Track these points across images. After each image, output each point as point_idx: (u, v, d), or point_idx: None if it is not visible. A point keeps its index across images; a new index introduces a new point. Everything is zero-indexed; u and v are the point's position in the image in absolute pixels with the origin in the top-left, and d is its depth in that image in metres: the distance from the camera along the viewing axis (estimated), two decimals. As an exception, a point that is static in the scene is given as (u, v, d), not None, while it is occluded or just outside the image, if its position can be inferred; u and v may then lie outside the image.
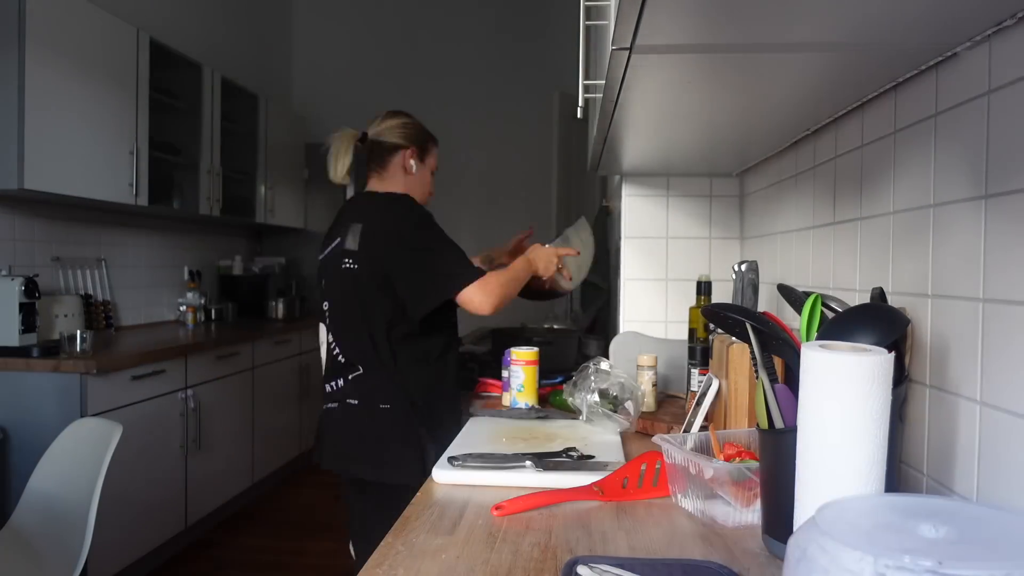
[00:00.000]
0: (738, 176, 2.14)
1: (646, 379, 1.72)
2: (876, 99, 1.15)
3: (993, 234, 0.82)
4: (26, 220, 3.08)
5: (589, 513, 1.08)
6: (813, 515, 0.62)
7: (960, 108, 0.90)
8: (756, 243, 1.96)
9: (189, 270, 4.28)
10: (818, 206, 1.44)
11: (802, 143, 1.54)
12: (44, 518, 2.00)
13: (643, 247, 2.21)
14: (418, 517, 1.06)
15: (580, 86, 1.19)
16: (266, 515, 3.81)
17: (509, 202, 5.51)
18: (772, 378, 0.95)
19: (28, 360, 2.59)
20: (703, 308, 1.15)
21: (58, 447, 2.09)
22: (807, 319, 0.95)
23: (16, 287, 2.62)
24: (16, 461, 2.55)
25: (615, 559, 0.87)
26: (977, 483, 0.85)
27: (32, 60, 2.66)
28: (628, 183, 2.21)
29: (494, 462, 1.25)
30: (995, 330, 0.82)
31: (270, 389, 4.08)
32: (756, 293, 1.49)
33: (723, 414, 1.35)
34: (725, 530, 1.01)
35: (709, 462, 1.05)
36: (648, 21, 0.78)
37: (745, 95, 1.16)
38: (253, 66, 5.08)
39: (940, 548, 0.55)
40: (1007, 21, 0.79)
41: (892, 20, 0.80)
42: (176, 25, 4.12)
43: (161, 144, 3.59)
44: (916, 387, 0.99)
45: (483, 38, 5.58)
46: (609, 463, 1.27)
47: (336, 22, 5.69)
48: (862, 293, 1.20)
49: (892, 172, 1.09)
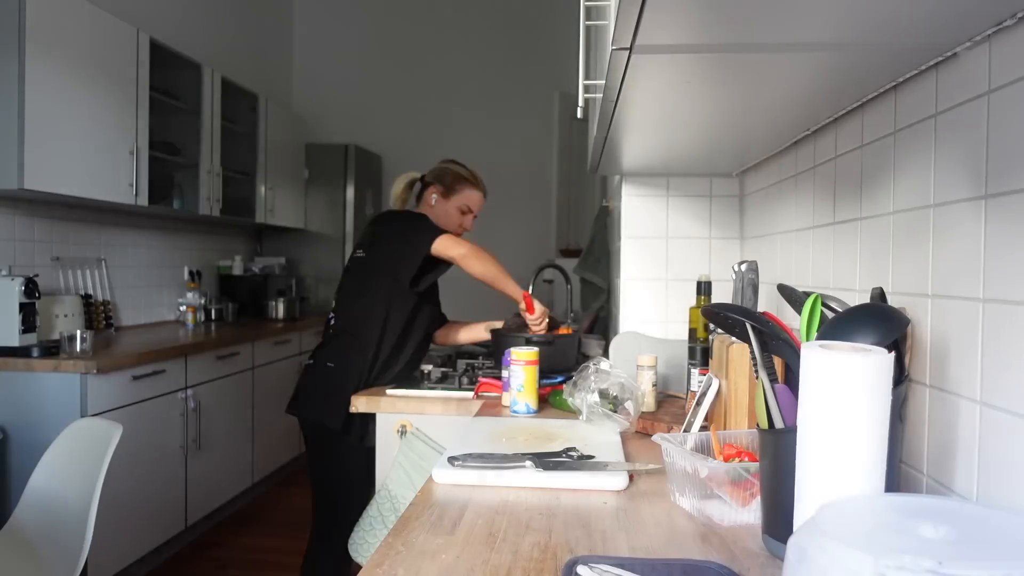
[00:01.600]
0: (738, 176, 2.14)
1: (646, 379, 1.72)
2: (876, 99, 1.15)
3: (993, 234, 0.82)
4: (26, 220, 3.08)
5: (589, 513, 1.08)
6: (813, 515, 0.62)
7: (960, 108, 0.90)
8: (756, 243, 1.96)
9: (189, 270, 4.28)
10: (818, 206, 1.44)
11: (802, 143, 1.54)
12: (44, 518, 2.00)
13: (643, 247, 2.21)
14: (418, 517, 1.06)
15: (580, 86, 1.19)
16: (266, 515, 3.81)
17: (509, 202, 5.50)
18: (772, 378, 0.95)
19: (28, 360, 2.59)
20: (703, 308, 1.15)
21: (58, 447, 2.09)
22: (807, 319, 0.95)
23: (16, 287, 2.62)
24: (16, 461, 2.54)
25: (615, 559, 0.87)
26: (977, 483, 0.85)
27: (32, 60, 2.66)
28: (628, 183, 2.21)
29: (494, 462, 1.25)
30: (995, 330, 0.82)
31: (270, 389, 4.08)
32: (756, 293, 1.49)
33: (723, 414, 1.35)
34: (725, 530, 1.01)
35: (705, 461, 1.05)
36: (648, 21, 0.78)
37: (745, 95, 1.16)
38: (253, 66, 5.07)
39: (940, 548, 0.55)
40: (1007, 21, 0.79)
41: (892, 20, 0.80)
42: (176, 25, 4.11)
43: (161, 144, 3.58)
44: (916, 387, 0.99)
45: (483, 38, 5.58)
46: (609, 463, 1.27)
47: (336, 22, 5.69)
48: (862, 293, 1.20)
49: (892, 172, 1.09)
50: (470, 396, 2.00)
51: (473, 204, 2.32)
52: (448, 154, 2.70)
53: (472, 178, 2.32)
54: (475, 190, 2.32)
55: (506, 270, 2.13)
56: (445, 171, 2.32)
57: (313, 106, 5.65)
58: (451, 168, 2.33)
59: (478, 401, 1.96)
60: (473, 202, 2.32)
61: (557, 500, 1.13)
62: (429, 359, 2.39)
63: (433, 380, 2.17)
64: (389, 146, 5.56)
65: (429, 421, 1.96)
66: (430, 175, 2.33)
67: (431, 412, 1.96)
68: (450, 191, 2.29)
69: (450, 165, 2.35)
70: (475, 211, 2.33)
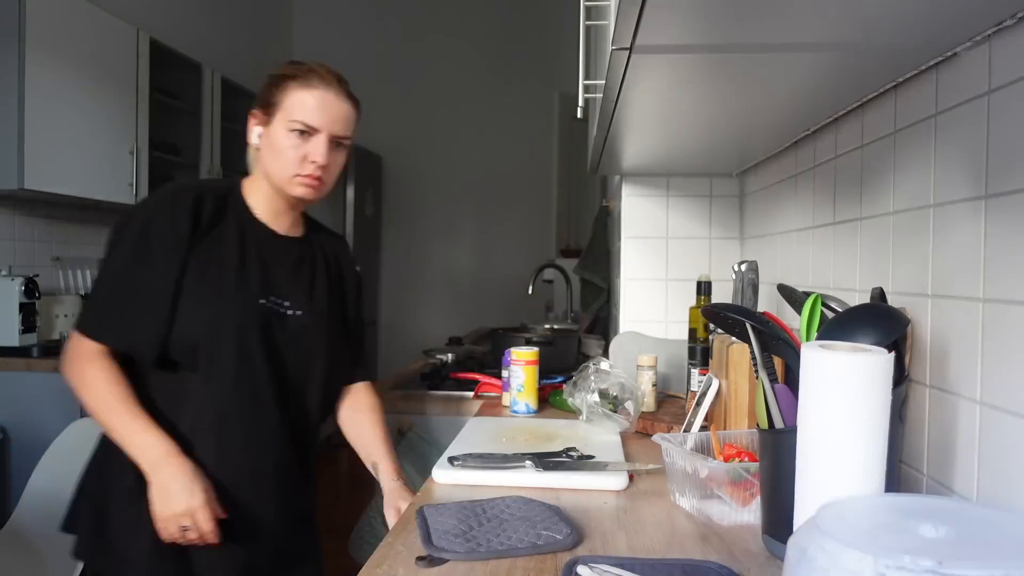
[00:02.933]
0: (738, 176, 2.14)
1: (646, 379, 1.72)
2: (876, 99, 1.15)
3: (993, 234, 0.82)
4: (26, 220, 3.08)
5: (589, 513, 1.08)
6: (813, 515, 0.62)
7: (960, 108, 0.90)
8: (756, 243, 1.96)
9: (189, 270, 4.27)
10: (818, 206, 1.44)
11: (802, 143, 1.54)
12: (44, 518, 2.00)
13: (643, 247, 2.21)
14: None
15: (580, 86, 1.19)
16: (266, 515, 3.80)
17: (509, 202, 5.50)
18: (772, 378, 0.95)
19: (28, 360, 2.59)
20: (703, 308, 1.15)
21: (58, 447, 2.09)
22: (807, 319, 0.95)
23: (16, 287, 2.62)
24: (16, 461, 2.54)
25: (615, 559, 0.87)
26: (977, 483, 0.85)
27: (32, 60, 2.66)
28: (628, 183, 2.21)
29: (494, 462, 1.25)
30: (995, 330, 0.81)
31: (270, 389, 4.07)
32: (756, 293, 1.49)
33: (723, 414, 1.35)
34: (725, 530, 1.01)
35: (705, 461, 1.05)
36: (648, 21, 0.78)
37: (745, 95, 1.16)
38: (253, 66, 5.07)
39: (940, 548, 0.55)
40: (1007, 21, 0.79)
41: (892, 20, 0.80)
42: (176, 25, 4.11)
43: (161, 144, 3.58)
44: (916, 387, 0.99)
45: (483, 38, 5.58)
46: (609, 463, 1.27)
47: (336, 22, 5.69)
48: (862, 293, 1.20)
49: (892, 172, 1.09)
50: (470, 396, 2.00)
51: (308, 112, 1.28)
52: (449, 154, 2.57)
53: (295, 71, 1.31)
54: (304, 89, 1.29)
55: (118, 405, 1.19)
56: (265, 82, 1.35)
57: (313, 106, 5.64)
58: (271, 74, 1.35)
59: (478, 401, 1.96)
60: (307, 109, 1.28)
61: (557, 500, 1.12)
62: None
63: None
64: (389, 146, 5.56)
65: (429, 421, 1.96)
66: (255, 102, 1.37)
67: (431, 412, 1.96)
68: (267, 110, 1.33)
69: (272, 74, 1.35)
70: (319, 124, 1.29)
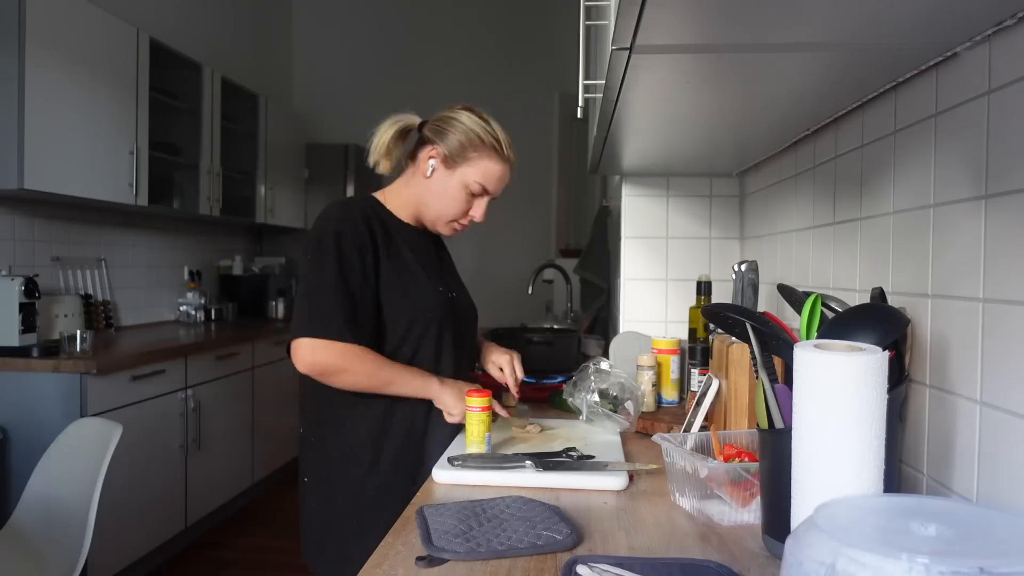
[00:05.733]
0: (738, 176, 2.14)
1: (646, 379, 1.72)
2: (876, 99, 1.15)
3: (993, 234, 0.82)
4: (26, 220, 3.08)
5: (589, 513, 1.08)
6: (812, 515, 0.62)
7: (960, 108, 0.90)
8: (756, 243, 1.96)
9: (189, 270, 4.27)
10: (818, 206, 1.44)
11: (802, 143, 1.54)
12: (44, 518, 2.00)
13: (643, 247, 2.21)
14: (418, 517, 1.05)
15: (580, 86, 1.19)
16: (266, 515, 3.80)
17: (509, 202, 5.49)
18: (772, 378, 0.95)
19: (28, 360, 2.59)
20: (703, 308, 1.15)
21: (58, 447, 2.09)
22: (807, 319, 0.95)
23: (16, 287, 2.62)
24: (16, 461, 2.54)
25: (615, 559, 0.87)
26: (977, 483, 0.85)
27: (32, 60, 2.66)
28: (628, 183, 2.21)
29: (494, 462, 1.25)
30: (995, 330, 0.81)
31: (270, 389, 4.08)
32: (756, 293, 1.49)
33: (723, 414, 1.35)
34: (725, 530, 1.01)
35: (705, 461, 1.05)
36: (648, 21, 0.78)
37: (745, 95, 1.16)
38: (253, 66, 5.07)
39: (940, 548, 0.55)
40: (1007, 21, 0.79)
41: (892, 20, 0.80)
42: (176, 25, 4.11)
43: (161, 144, 3.58)
44: (916, 387, 0.99)
45: (483, 38, 5.58)
46: (609, 463, 1.27)
47: (336, 22, 5.69)
48: (862, 293, 1.20)
49: (892, 172, 1.09)
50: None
51: (491, 181, 1.50)
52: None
53: (494, 142, 1.49)
54: (496, 161, 1.50)
55: (389, 366, 1.45)
56: (453, 125, 1.48)
57: (313, 106, 5.64)
58: (462, 122, 1.48)
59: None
60: (491, 179, 1.50)
61: (557, 500, 1.13)
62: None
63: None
64: (389, 146, 5.56)
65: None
66: (431, 126, 1.51)
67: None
68: (456, 158, 1.48)
69: (461, 116, 1.49)
70: (492, 191, 1.53)
